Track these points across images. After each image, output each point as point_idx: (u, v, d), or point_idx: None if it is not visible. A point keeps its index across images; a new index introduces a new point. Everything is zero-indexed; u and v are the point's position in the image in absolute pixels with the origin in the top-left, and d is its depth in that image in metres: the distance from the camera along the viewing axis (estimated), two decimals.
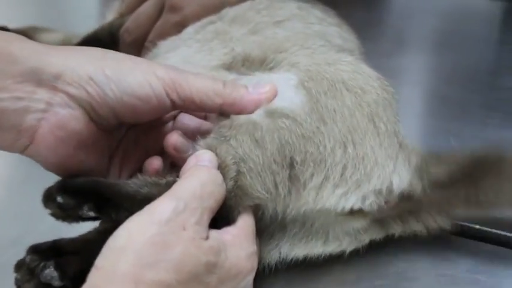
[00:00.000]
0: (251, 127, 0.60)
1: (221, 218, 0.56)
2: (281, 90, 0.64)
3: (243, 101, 0.62)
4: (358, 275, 0.66)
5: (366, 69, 0.68)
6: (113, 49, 0.90)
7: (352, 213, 0.63)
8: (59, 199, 0.55)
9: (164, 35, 0.86)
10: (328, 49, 0.73)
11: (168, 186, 0.56)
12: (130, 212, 0.52)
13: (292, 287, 0.64)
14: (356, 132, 0.62)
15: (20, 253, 0.56)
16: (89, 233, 0.59)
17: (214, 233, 0.54)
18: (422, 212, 0.67)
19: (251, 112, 0.62)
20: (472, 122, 0.93)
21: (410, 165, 0.65)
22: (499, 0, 1.40)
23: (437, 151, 0.71)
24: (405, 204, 0.65)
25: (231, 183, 0.58)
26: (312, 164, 0.60)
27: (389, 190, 0.63)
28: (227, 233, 0.55)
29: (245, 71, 0.71)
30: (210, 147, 0.59)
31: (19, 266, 0.56)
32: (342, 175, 0.61)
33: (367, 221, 0.65)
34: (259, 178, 0.59)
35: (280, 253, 0.64)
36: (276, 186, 0.59)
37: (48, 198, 0.56)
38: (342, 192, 0.61)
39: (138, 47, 0.89)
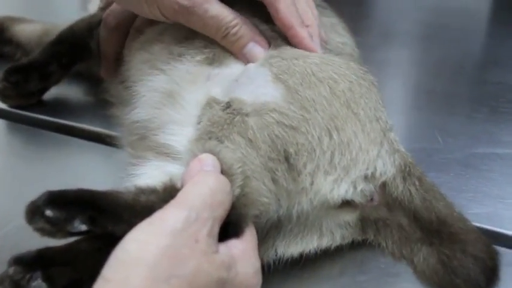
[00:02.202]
0: (243, 126, 0.61)
1: (226, 230, 0.55)
2: (260, 86, 0.66)
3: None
4: (341, 271, 0.67)
5: (336, 60, 0.70)
6: (88, 43, 0.91)
7: (343, 205, 0.65)
8: (48, 213, 0.51)
9: (152, 21, 0.82)
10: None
11: (167, 192, 0.56)
12: (129, 223, 0.50)
13: (273, 282, 0.63)
14: (337, 119, 0.64)
15: None
16: (78, 242, 0.56)
17: (223, 246, 0.53)
18: (389, 230, 0.68)
19: None
20: (458, 116, 0.93)
21: (395, 162, 0.66)
22: None
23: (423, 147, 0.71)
24: (384, 210, 0.67)
25: (237, 190, 0.57)
26: (305, 154, 0.61)
27: (374, 176, 0.64)
28: (235, 247, 0.54)
29: (228, 62, 0.72)
30: (211, 151, 0.59)
31: (1, 280, 0.52)
32: (330, 162, 0.62)
33: (356, 214, 0.67)
34: (261, 182, 0.59)
35: (276, 252, 0.64)
36: (276, 182, 0.60)
37: (34, 212, 0.52)
38: (333, 179, 0.62)
39: (123, 32, 0.86)
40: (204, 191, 0.53)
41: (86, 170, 0.84)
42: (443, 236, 0.65)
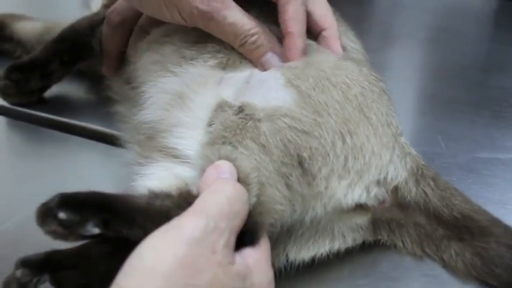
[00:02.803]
0: (255, 132, 0.61)
1: (242, 238, 0.54)
2: (272, 90, 0.66)
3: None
4: (341, 274, 0.67)
5: (349, 65, 0.71)
6: (90, 41, 0.90)
7: (356, 209, 0.65)
8: (61, 215, 0.51)
9: (158, 21, 0.82)
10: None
11: (183, 198, 0.56)
12: (143, 228, 0.50)
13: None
14: (350, 123, 0.64)
15: None
16: (88, 246, 0.55)
17: (239, 256, 0.53)
18: (405, 230, 0.68)
19: None
20: (460, 121, 0.93)
21: (406, 165, 0.67)
22: None
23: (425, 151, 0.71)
24: (396, 211, 0.68)
25: (254, 199, 0.57)
26: (320, 158, 0.62)
27: (386, 180, 0.65)
28: (250, 257, 0.54)
29: (242, 67, 0.73)
30: (227, 158, 0.59)
31: (8, 283, 0.51)
32: (344, 166, 0.63)
33: (368, 216, 0.67)
34: (275, 188, 0.59)
35: (287, 257, 0.64)
36: (290, 187, 0.60)
37: (47, 214, 0.51)
38: (347, 183, 0.63)
39: (126, 29, 0.86)
40: (221, 200, 0.52)
41: (85, 168, 0.84)
42: (473, 231, 0.66)
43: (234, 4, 0.71)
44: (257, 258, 0.54)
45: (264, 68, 0.71)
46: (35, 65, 0.92)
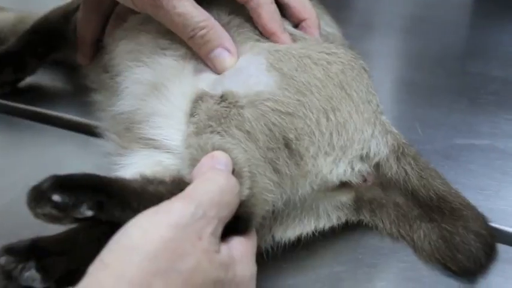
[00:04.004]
0: (239, 119, 0.62)
1: (232, 228, 0.55)
2: (253, 76, 0.67)
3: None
4: (318, 261, 0.68)
5: (328, 45, 0.73)
6: (64, 31, 0.89)
7: (340, 187, 0.67)
8: (56, 198, 0.50)
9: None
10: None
11: (176, 184, 0.56)
12: (136, 211, 0.50)
13: None
14: (333, 100, 0.66)
15: None
16: (74, 231, 0.55)
17: (224, 247, 0.54)
18: (385, 210, 0.70)
19: None
20: (438, 108, 0.95)
21: (387, 142, 0.69)
22: None
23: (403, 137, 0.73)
24: (378, 190, 0.69)
25: (247, 191, 0.58)
26: (306, 138, 0.63)
27: (368, 156, 0.67)
28: (235, 249, 0.55)
29: None
30: (222, 148, 0.59)
31: None
32: (329, 143, 0.64)
33: (352, 194, 0.69)
34: (264, 176, 0.60)
35: (273, 237, 0.66)
36: (278, 172, 0.61)
37: (40, 197, 0.51)
38: (332, 159, 0.65)
39: (102, 15, 0.85)
40: (213, 189, 0.53)
41: (61, 158, 0.84)
42: (444, 212, 0.67)
43: None
44: (242, 251, 0.55)
45: (212, 64, 0.70)
46: (8, 57, 0.91)
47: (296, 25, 0.79)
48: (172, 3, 0.69)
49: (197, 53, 0.72)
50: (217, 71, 0.70)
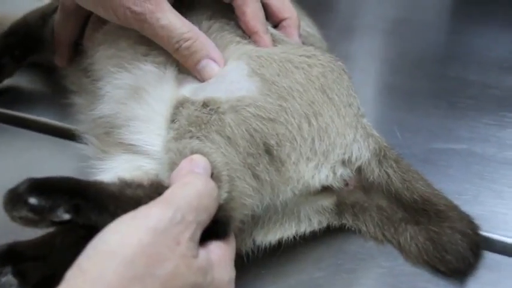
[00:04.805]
0: (220, 124, 0.62)
1: (211, 232, 0.55)
2: (234, 82, 0.67)
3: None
4: (298, 267, 0.68)
5: (308, 48, 0.73)
6: (42, 34, 0.88)
7: (322, 191, 0.67)
8: (33, 201, 0.50)
9: None
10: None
11: (154, 187, 0.56)
12: (114, 215, 0.50)
13: None
14: (314, 105, 0.66)
15: None
16: (51, 235, 0.55)
17: (203, 251, 0.53)
18: (368, 214, 0.70)
19: None
20: (417, 112, 0.95)
21: (369, 146, 0.69)
22: None
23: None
24: (360, 194, 0.70)
25: (225, 195, 0.58)
26: (288, 144, 0.63)
27: (350, 160, 0.67)
28: (214, 253, 0.55)
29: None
30: (200, 152, 0.59)
31: None
32: (311, 149, 0.64)
33: (333, 199, 0.69)
34: (243, 180, 0.60)
35: (254, 241, 0.66)
36: (257, 178, 0.61)
37: (17, 200, 0.50)
38: (314, 165, 0.65)
39: (80, 16, 0.84)
40: (191, 193, 0.53)
41: (38, 162, 0.83)
42: (430, 214, 0.68)
43: (168, 7, 0.70)
44: (221, 255, 0.55)
45: (200, 75, 0.70)
46: None
47: (276, 25, 0.79)
48: (155, 15, 0.69)
49: (184, 64, 0.71)
50: (204, 81, 0.70)
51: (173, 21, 0.70)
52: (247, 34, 0.73)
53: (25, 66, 0.95)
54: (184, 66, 0.71)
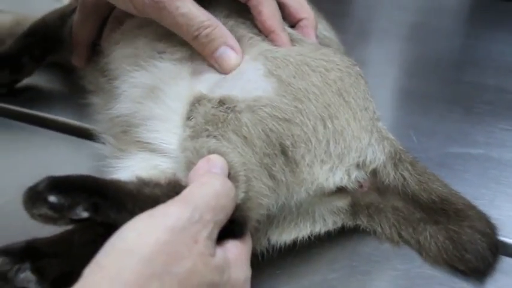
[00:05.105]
0: (237, 124, 0.62)
1: (228, 231, 0.55)
2: (251, 81, 0.67)
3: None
4: (312, 268, 0.68)
5: (326, 51, 0.73)
6: (61, 34, 0.89)
7: (336, 192, 0.67)
8: (52, 199, 0.50)
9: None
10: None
11: (171, 186, 0.56)
12: (132, 213, 0.50)
13: None
14: (331, 108, 0.66)
15: None
16: (69, 232, 0.55)
17: (220, 250, 0.54)
18: (383, 214, 0.70)
19: None
20: (433, 116, 0.95)
21: (384, 149, 0.69)
22: None
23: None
24: (375, 195, 0.69)
25: (242, 195, 0.58)
26: (303, 145, 0.63)
27: (365, 163, 0.67)
28: (230, 252, 0.55)
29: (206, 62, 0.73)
30: (218, 152, 0.59)
31: None
32: (326, 151, 0.64)
33: (348, 200, 0.69)
34: (260, 180, 0.60)
35: (269, 240, 0.66)
36: (273, 178, 0.62)
37: (36, 198, 0.51)
38: (329, 167, 0.65)
39: (99, 17, 0.85)
40: (209, 193, 0.53)
41: (56, 161, 0.84)
42: (449, 214, 0.68)
43: None
44: (237, 254, 0.56)
45: (217, 63, 0.70)
46: (4, 60, 0.92)
47: (293, 25, 0.79)
48: (175, 4, 0.70)
49: (201, 53, 0.71)
50: (222, 70, 0.70)
51: (193, 10, 0.70)
52: (264, 34, 0.74)
53: (44, 66, 0.96)
54: (202, 55, 0.71)
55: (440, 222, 0.68)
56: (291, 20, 0.79)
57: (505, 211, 0.76)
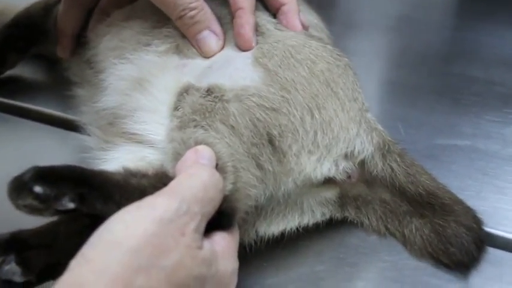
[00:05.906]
0: (224, 113, 0.62)
1: (216, 223, 0.55)
2: (239, 70, 0.67)
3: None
4: (299, 260, 0.69)
5: (313, 43, 0.72)
6: (45, 25, 0.88)
7: (324, 183, 0.67)
8: (37, 189, 0.50)
9: (120, 2, 0.81)
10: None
11: (159, 178, 0.56)
12: (119, 204, 0.50)
13: None
14: (318, 98, 0.66)
15: None
16: (54, 224, 0.55)
17: (207, 242, 0.54)
18: (370, 206, 0.70)
19: None
20: (421, 108, 0.95)
21: (372, 140, 0.69)
22: None
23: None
24: (363, 187, 0.70)
25: (230, 186, 0.58)
26: (290, 135, 0.63)
27: (353, 154, 0.67)
28: (218, 244, 0.55)
29: (192, 54, 0.72)
30: (205, 142, 0.59)
31: None
32: (313, 141, 0.64)
33: (336, 191, 0.69)
34: (248, 171, 0.60)
35: (257, 232, 0.66)
36: (261, 168, 0.62)
37: (22, 188, 0.50)
38: (316, 158, 0.65)
39: (84, 8, 0.84)
40: (197, 184, 0.53)
41: (41, 153, 0.84)
42: (435, 208, 0.69)
43: None
44: (225, 246, 0.56)
45: (198, 45, 0.71)
46: None
47: (275, 12, 0.78)
48: None
49: (184, 33, 0.72)
50: (203, 53, 0.71)
51: None
52: (232, 11, 0.73)
53: (28, 57, 0.95)
54: (185, 35, 0.72)
55: (426, 215, 0.69)
56: (272, 8, 0.78)
57: (492, 202, 0.76)
